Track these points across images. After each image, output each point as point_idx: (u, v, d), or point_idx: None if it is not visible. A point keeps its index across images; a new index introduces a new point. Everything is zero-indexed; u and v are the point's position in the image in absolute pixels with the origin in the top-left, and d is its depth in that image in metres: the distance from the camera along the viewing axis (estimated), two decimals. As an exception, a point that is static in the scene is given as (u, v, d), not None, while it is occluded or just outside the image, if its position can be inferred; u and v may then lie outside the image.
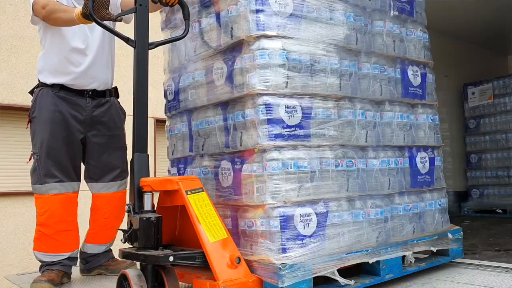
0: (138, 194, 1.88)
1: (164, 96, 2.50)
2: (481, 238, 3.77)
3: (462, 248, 2.54)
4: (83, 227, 2.69)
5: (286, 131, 1.88)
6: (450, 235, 2.46)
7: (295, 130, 1.91)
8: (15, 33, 4.94)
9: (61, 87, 2.50)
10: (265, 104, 1.86)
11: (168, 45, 2.43)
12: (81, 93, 2.55)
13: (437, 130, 2.57)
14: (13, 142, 5.18)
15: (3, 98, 4.84)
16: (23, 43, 4.96)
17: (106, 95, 2.65)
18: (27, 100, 2.70)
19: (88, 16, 2.03)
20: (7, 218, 4.99)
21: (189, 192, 1.85)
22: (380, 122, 2.27)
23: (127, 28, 2.45)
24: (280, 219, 1.80)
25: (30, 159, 2.54)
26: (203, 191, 1.90)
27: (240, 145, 1.96)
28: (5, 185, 5.12)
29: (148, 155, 1.98)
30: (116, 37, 2.65)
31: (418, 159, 2.42)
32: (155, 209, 1.94)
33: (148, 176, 1.94)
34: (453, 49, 6.07)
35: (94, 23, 2.05)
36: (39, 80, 2.56)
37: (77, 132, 2.54)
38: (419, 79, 2.50)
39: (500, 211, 5.68)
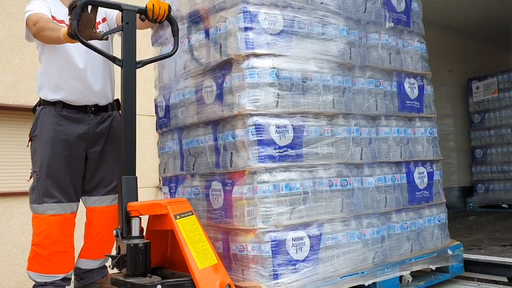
0: (126, 218, 1.83)
1: (155, 112, 2.45)
2: (486, 233, 3.70)
3: (463, 264, 2.48)
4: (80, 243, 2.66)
5: (277, 152, 1.83)
6: (450, 252, 2.39)
7: (286, 151, 1.86)
8: (18, 33, 4.92)
9: (63, 105, 2.48)
10: (255, 125, 1.81)
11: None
12: (83, 109, 2.52)
13: (435, 143, 2.51)
14: (20, 142, 5.15)
15: (8, 98, 4.81)
16: (26, 43, 4.90)
17: (108, 109, 2.62)
18: (32, 101, 2.67)
19: (73, 35, 1.98)
20: (14, 217, 4.98)
21: (178, 217, 1.80)
22: (376, 137, 2.21)
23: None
24: (271, 244, 1.74)
25: (30, 177, 2.52)
26: (192, 214, 1.84)
27: (231, 166, 1.91)
28: (12, 185, 5.11)
29: (136, 177, 1.93)
30: (113, 49, 2.63)
31: (416, 175, 2.35)
32: (145, 231, 1.90)
33: (136, 199, 1.89)
34: (457, 43, 6.00)
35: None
36: (40, 98, 2.54)
37: (80, 150, 2.51)
38: (416, 91, 2.44)
39: (506, 206, 5.60)
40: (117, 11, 2.58)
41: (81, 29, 1.93)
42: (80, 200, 2.65)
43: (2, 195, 4.80)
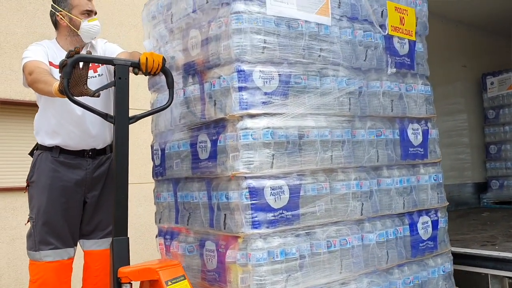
0: (117, 284, 1.79)
1: (152, 158, 2.40)
2: (500, 230, 3.58)
3: (469, 315, 2.39)
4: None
5: (271, 216, 1.76)
6: (455, 304, 2.31)
7: (282, 213, 1.79)
8: (35, 30, 4.99)
9: (60, 150, 2.45)
10: (249, 188, 1.74)
11: (154, 106, 2.33)
12: (81, 154, 2.49)
13: (440, 189, 2.42)
14: (33, 137, 5.18)
15: (25, 95, 4.84)
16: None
17: (107, 151, 2.59)
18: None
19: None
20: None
21: (169, 283, 1.75)
22: (377, 189, 2.13)
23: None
24: (265, 316, 1.68)
25: (28, 221, 2.50)
26: (184, 279, 1.80)
27: (224, 228, 1.85)
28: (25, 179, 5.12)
29: (128, 238, 1.88)
30: (111, 91, 2.58)
31: (419, 225, 2.27)
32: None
33: (128, 263, 1.84)
34: (471, 38, 5.85)
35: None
36: (37, 142, 2.52)
37: (77, 195, 2.49)
38: (420, 137, 2.35)
39: None
40: (116, 52, 2.55)
41: (72, 86, 1.89)
42: (78, 243, 2.62)
43: (20, 189, 4.80)
